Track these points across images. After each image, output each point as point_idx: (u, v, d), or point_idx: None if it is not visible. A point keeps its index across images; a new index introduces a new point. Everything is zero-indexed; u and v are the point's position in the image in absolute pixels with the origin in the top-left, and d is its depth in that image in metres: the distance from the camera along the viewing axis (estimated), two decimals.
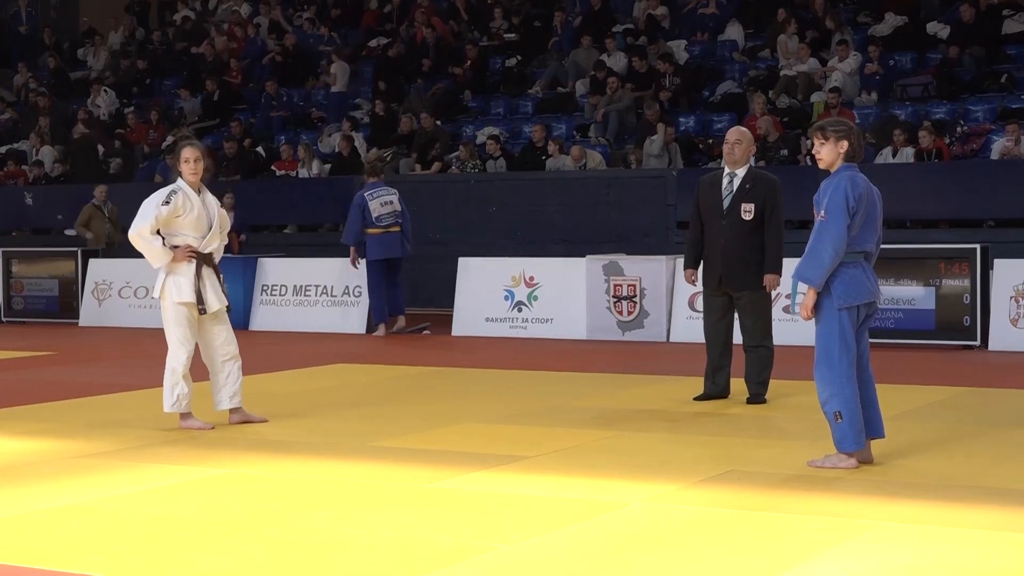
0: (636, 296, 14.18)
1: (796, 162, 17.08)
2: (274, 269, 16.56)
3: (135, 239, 8.52)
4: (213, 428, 8.57)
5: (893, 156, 16.65)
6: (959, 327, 12.92)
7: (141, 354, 13.22)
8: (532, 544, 5.53)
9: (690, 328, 13.26)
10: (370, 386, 11.01)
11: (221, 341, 8.65)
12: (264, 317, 16.35)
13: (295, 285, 16.32)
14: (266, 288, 16.48)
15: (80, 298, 17.70)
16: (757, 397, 9.36)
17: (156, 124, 22.98)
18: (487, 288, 15.12)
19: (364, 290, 15.69)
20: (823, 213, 6.87)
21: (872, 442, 7.07)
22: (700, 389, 9.56)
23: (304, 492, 6.71)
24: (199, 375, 8.85)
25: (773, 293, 9.58)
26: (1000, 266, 13.02)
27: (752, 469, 7.04)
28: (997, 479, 6.75)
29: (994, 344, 12.82)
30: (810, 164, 15.37)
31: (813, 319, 7.00)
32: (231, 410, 8.74)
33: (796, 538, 5.61)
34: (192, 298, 8.47)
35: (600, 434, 8.27)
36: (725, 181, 9.36)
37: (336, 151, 20.35)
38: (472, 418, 9.01)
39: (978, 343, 12.84)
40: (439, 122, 20.29)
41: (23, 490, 6.80)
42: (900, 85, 18.53)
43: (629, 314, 14.20)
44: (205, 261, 8.55)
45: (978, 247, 13.03)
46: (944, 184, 16.29)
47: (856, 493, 6.44)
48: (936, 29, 19.25)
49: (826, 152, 7.01)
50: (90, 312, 17.52)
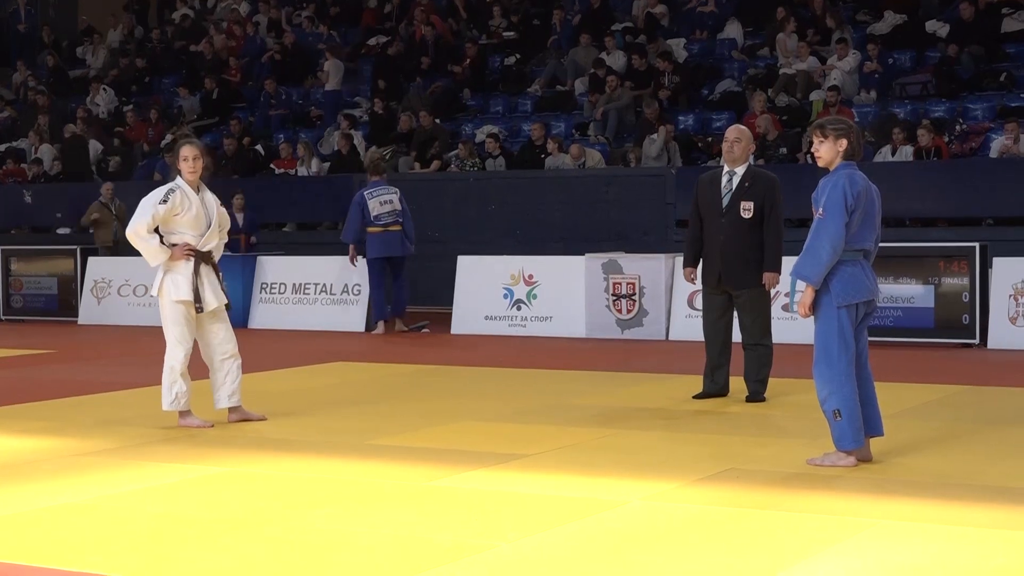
0: (635, 294, 14.18)
1: (795, 160, 17.07)
2: (273, 267, 16.57)
3: (132, 237, 8.53)
4: (212, 426, 8.58)
5: (892, 154, 16.65)
6: (958, 325, 12.93)
7: (140, 352, 13.22)
8: (531, 542, 5.54)
9: (689, 326, 13.25)
10: (369, 384, 11.01)
11: (220, 339, 8.65)
12: (263, 315, 16.36)
13: (294, 283, 16.33)
14: (265, 286, 16.48)
15: (79, 296, 17.70)
16: (756, 395, 9.36)
17: (155, 122, 22.97)
18: (486, 286, 15.11)
19: (363, 288, 15.71)
20: (821, 211, 6.87)
21: (871, 440, 7.08)
22: (699, 387, 9.56)
23: (303, 490, 6.71)
24: (198, 373, 8.85)
25: (772, 291, 9.59)
26: (999, 264, 13.02)
27: (751, 467, 7.05)
28: (996, 477, 6.76)
29: (993, 342, 12.82)
30: (809, 162, 15.36)
31: (812, 317, 7.01)
32: (230, 408, 8.74)
33: (795, 536, 5.61)
34: (189, 296, 8.47)
35: (599, 432, 8.27)
36: (724, 179, 9.36)
37: (336, 150, 20.34)
38: (471, 416, 9.01)
39: (977, 341, 12.84)
40: (438, 120, 20.29)
41: (23, 488, 6.80)
42: (899, 83, 18.54)
43: (628, 312, 14.20)
44: (203, 259, 8.55)
45: (977, 245, 13.04)
46: (943, 182, 16.29)
47: (855, 491, 6.44)
48: (935, 27, 19.25)
49: (825, 150, 7.01)
50: (89, 310, 17.52)
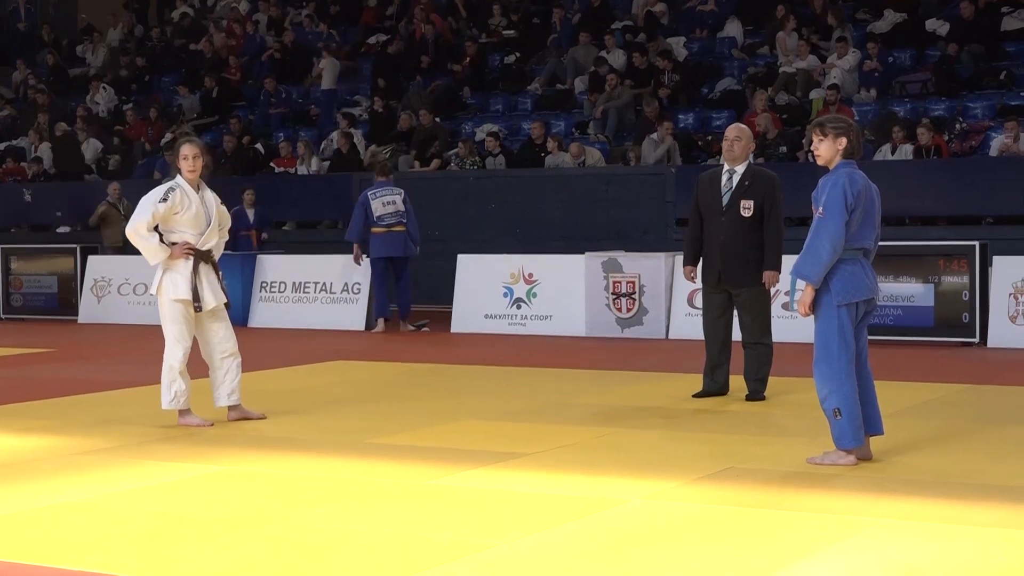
0: (635, 293, 14.18)
1: (795, 159, 17.07)
2: (273, 266, 16.57)
3: (132, 235, 8.54)
4: (212, 425, 8.58)
5: (892, 153, 16.64)
6: (958, 324, 12.93)
7: (140, 351, 13.21)
8: (530, 541, 5.53)
9: (689, 325, 13.25)
10: (369, 383, 11.01)
11: (220, 338, 8.65)
12: (263, 314, 16.36)
13: (294, 282, 16.33)
14: (265, 285, 16.48)
15: (79, 295, 17.70)
16: (756, 394, 9.36)
17: (155, 121, 22.96)
18: (486, 285, 15.11)
19: (363, 287, 15.75)
20: (821, 210, 6.87)
21: (871, 439, 7.07)
22: (699, 386, 9.56)
23: (303, 489, 6.71)
24: (198, 372, 8.85)
25: (772, 290, 9.58)
26: (999, 263, 13.02)
27: (751, 466, 7.05)
28: (996, 476, 6.75)
29: (993, 341, 12.82)
30: (809, 161, 15.36)
31: (812, 316, 7.00)
32: (229, 407, 8.74)
33: (795, 535, 5.61)
34: (188, 295, 8.47)
35: (599, 431, 8.27)
36: (724, 178, 9.36)
37: (336, 149, 20.33)
38: (471, 415, 9.00)
39: (977, 340, 12.84)
40: (438, 119, 20.28)
41: (23, 487, 6.80)
42: (899, 82, 18.54)
43: (628, 311, 14.20)
44: (203, 258, 8.55)
45: (977, 244, 13.03)
46: (943, 181, 16.29)
47: (855, 490, 6.44)
48: (935, 26, 19.24)
49: (824, 149, 7.00)
50: (89, 309, 17.51)
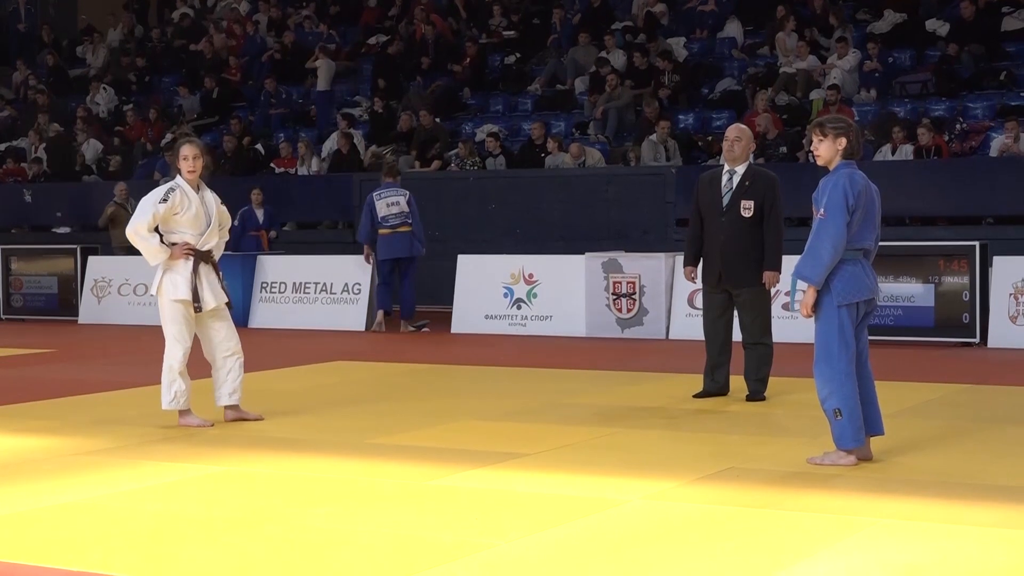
0: (635, 293, 14.18)
1: (795, 159, 17.07)
2: (273, 266, 16.57)
3: (132, 236, 8.54)
4: (212, 425, 8.57)
5: (892, 153, 16.65)
6: (958, 324, 12.92)
7: (140, 351, 13.21)
8: (531, 541, 5.53)
9: (689, 325, 13.25)
10: (369, 383, 11.01)
11: (221, 338, 8.66)
12: (263, 314, 16.36)
13: (294, 282, 16.33)
14: (265, 285, 16.48)
15: (79, 295, 17.70)
16: (756, 394, 9.36)
17: (155, 122, 22.97)
18: (486, 285, 15.11)
19: (363, 287, 15.79)
20: (822, 211, 6.86)
21: (871, 439, 7.07)
22: (699, 386, 9.56)
23: (303, 489, 6.71)
24: (198, 372, 8.85)
25: (772, 290, 9.58)
26: (999, 263, 13.02)
27: (751, 466, 7.04)
28: (996, 476, 6.75)
29: (993, 341, 12.81)
30: (809, 161, 15.36)
31: (813, 316, 7.00)
32: (227, 407, 8.74)
33: (795, 535, 5.61)
34: (188, 295, 8.47)
35: (599, 431, 8.27)
36: (724, 178, 9.36)
37: (336, 149, 20.32)
38: (471, 415, 9.00)
39: (977, 340, 12.84)
40: (438, 119, 20.28)
41: (23, 487, 6.80)
42: (899, 82, 18.54)
43: (628, 311, 14.20)
44: (203, 258, 8.55)
45: (977, 244, 13.03)
46: (943, 181, 16.29)
47: (855, 490, 6.43)
48: (935, 26, 19.25)
49: (824, 149, 7.00)
50: (89, 309, 17.51)
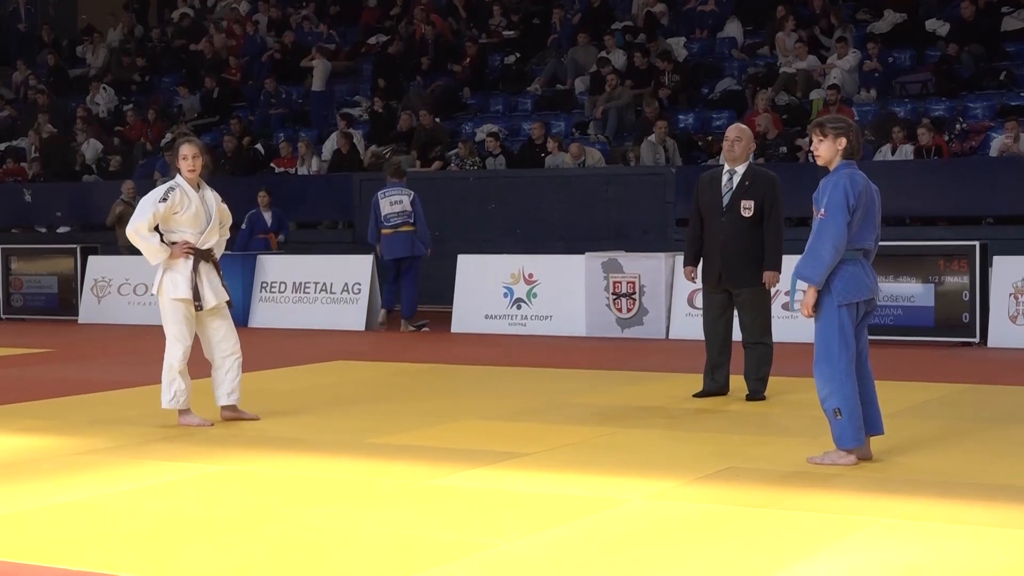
0: (635, 293, 14.18)
1: (795, 159, 17.07)
2: (273, 266, 16.57)
3: (132, 236, 8.54)
4: (212, 425, 8.57)
5: (892, 153, 16.65)
6: (958, 324, 12.92)
7: (140, 351, 13.21)
8: (531, 541, 5.53)
9: (689, 325, 13.25)
10: (369, 383, 11.01)
11: (220, 337, 8.66)
12: (263, 314, 16.36)
13: (294, 282, 16.33)
14: (265, 285, 16.48)
15: (79, 295, 17.69)
16: (756, 394, 9.36)
17: (155, 121, 22.96)
18: (486, 285, 15.11)
19: (363, 287, 15.80)
20: (823, 211, 6.86)
21: (871, 439, 7.07)
22: (699, 386, 9.56)
23: (303, 489, 6.71)
24: (200, 372, 8.85)
25: (772, 290, 9.58)
26: (999, 263, 13.02)
27: (751, 466, 7.05)
28: (996, 475, 6.75)
29: (993, 341, 12.81)
30: (809, 161, 15.36)
31: (813, 316, 7.00)
32: (224, 407, 8.74)
33: (795, 535, 5.61)
34: (188, 294, 8.47)
35: (599, 431, 8.27)
36: (725, 178, 9.36)
37: (336, 149, 20.32)
38: (471, 415, 9.00)
39: (977, 340, 12.84)
40: (438, 119, 20.28)
41: (23, 487, 6.80)
42: (899, 82, 18.54)
43: (628, 311, 14.20)
44: (203, 257, 8.56)
45: (977, 244, 13.03)
46: (943, 181, 16.29)
47: (855, 490, 6.44)
48: (935, 26, 19.25)
49: (824, 149, 7.00)
50: (89, 309, 17.51)
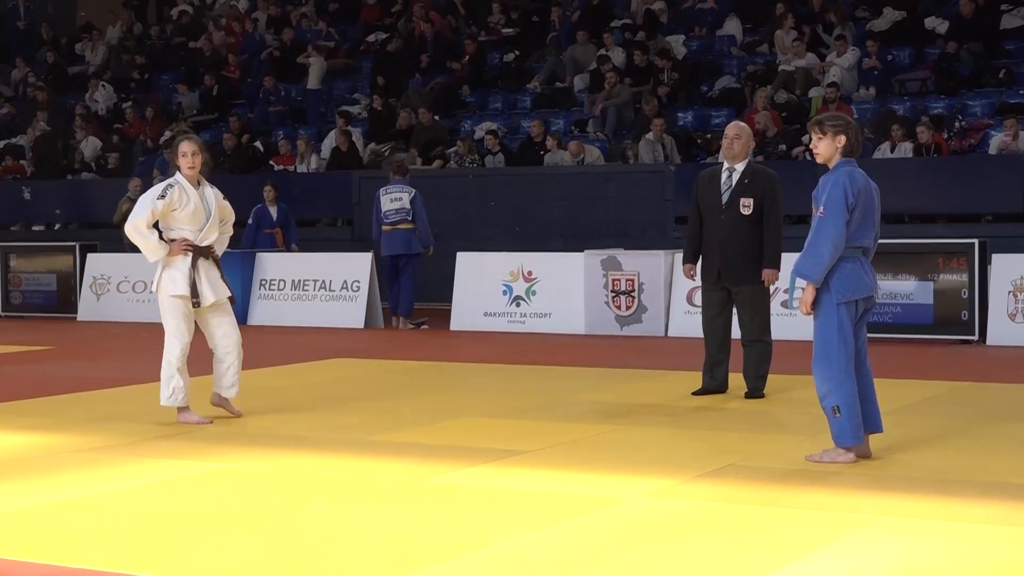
0: (634, 291, 14.18)
1: (794, 157, 17.07)
2: (272, 264, 16.57)
3: (132, 233, 8.54)
4: (211, 422, 8.57)
5: (891, 151, 16.65)
6: (957, 322, 12.93)
7: (139, 348, 13.21)
8: (531, 539, 5.53)
9: (688, 323, 13.25)
10: (368, 380, 11.01)
11: (222, 332, 8.67)
12: (262, 312, 16.36)
13: (293, 280, 16.33)
14: (264, 283, 16.48)
15: (78, 293, 17.69)
16: (755, 392, 9.36)
17: (154, 119, 22.96)
18: (485, 283, 15.11)
19: (362, 285, 15.81)
20: (822, 209, 6.86)
21: (870, 436, 7.07)
22: (698, 384, 9.56)
23: (301, 486, 6.71)
24: (200, 370, 8.84)
25: (771, 288, 9.58)
26: (998, 261, 13.02)
27: (751, 464, 7.05)
28: (995, 473, 6.75)
29: (992, 339, 12.82)
30: (808, 159, 15.36)
31: (812, 314, 7.00)
32: (217, 394, 8.73)
33: (795, 532, 5.61)
34: (186, 291, 8.47)
35: (599, 429, 8.27)
36: (724, 176, 9.36)
37: (335, 146, 20.31)
38: (470, 413, 9.00)
39: (976, 338, 12.84)
40: (437, 117, 20.27)
41: (21, 485, 6.80)
42: (898, 80, 18.55)
43: (627, 309, 14.20)
44: (202, 254, 8.56)
45: (976, 242, 13.03)
46: (942, 179, 16.30)
47: (854, 487, 6.44)
48: (934, 24, 19.25)
49: (824, 147, 7.00)
50: (88, 307, 17.50)
